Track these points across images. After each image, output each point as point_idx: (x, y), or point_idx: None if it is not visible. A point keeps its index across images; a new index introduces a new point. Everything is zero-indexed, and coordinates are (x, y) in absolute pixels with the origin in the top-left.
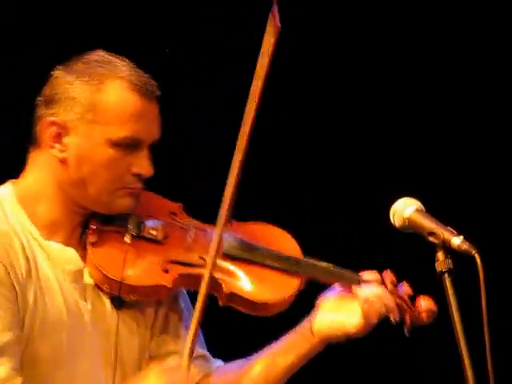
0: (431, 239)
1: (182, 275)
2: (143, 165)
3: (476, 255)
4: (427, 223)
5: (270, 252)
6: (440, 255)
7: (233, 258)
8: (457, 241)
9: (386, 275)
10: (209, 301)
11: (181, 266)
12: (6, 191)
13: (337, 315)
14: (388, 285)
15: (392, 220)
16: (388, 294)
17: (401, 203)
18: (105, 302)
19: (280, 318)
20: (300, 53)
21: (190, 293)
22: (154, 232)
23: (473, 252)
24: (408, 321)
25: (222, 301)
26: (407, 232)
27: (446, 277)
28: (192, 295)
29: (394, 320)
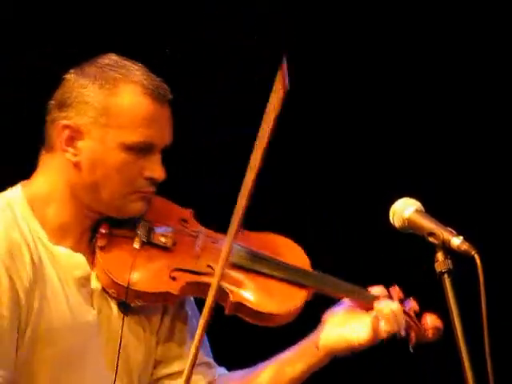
0: (431, 240)
1: (190, 283)
2: (156, 169)
3: (476, 255)
4: (427, 224)
5: (279, 263)
6: (440, 256)
7: (241, 268)
8: (456, 241)
9: (393, 291)
10: (215, 309)
11: (188, 274)
12: (17, 193)
13: (344, 329)
14: (395, 301)
15: (392, 220)
16: (401, 311)
17: (400, 204)
18: (111, 307)
19: (286, 330)
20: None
21: (196, 299)
22: (163, 239)
23: (472, 252)
24: (414, 338)
25: (228, 310)
26: (407, 232)
27: (445, 277)
28: (198, 301)
29: (400, 336)
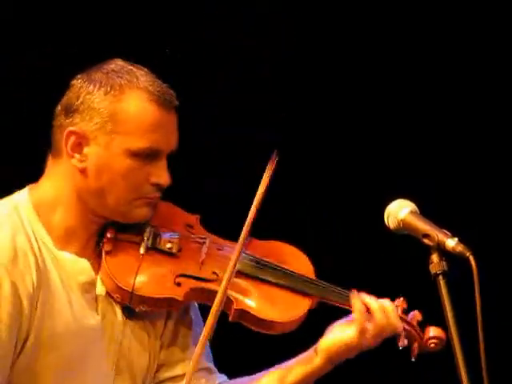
0: (426, 241)
1: (194, 289)
2: (161, 175)
3: (470, 257)
4: (422, 225)
5: (283, 271)
6: (434, 257)
7: (245, 275)
8: (451, 243)
9: (397, 302)
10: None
11: (193, 280)
12: (24, 197)
13: (338, 332)
14: (399, 311)
15: (386, 222)
16: (392, 308)
17: (395, 205)
18: (116, 312)
19: (289, 337)
20: (299, 53)
21: (200, 305)
22: (169, 245)
23: (467, 254)
24: (416, 349)
25: (231, 317)
26: (402, 234)
27: (440, 279)
28: (202, 308)
29: (402, 345)
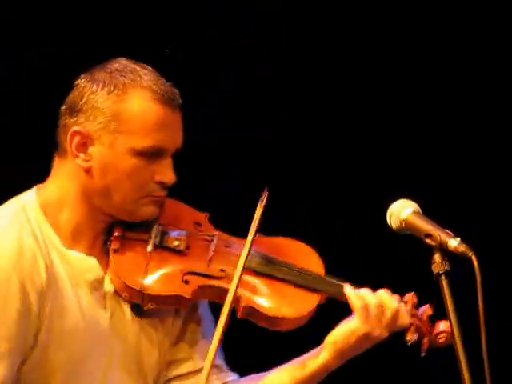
0: (428, 241)
1: (202, 287)
2: (166, 173)
3: (473, 257)
4: (424, 225)
5: (292, 267)
6: (437, 257)
7: (254, 272)
8: (454, 243)
9: (407, 297)
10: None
11: (201, 278)
12: (31, 197)
13: (344, 324)
14: (408, 305)
15: (389, 222)
16: (395, 300)
17: (398, 205)
18: (124, 310)
19: (299, 335)
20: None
21: (209, 303)
22: (176, 242)
23: (469, 254)
24: (426, 344)
25: (239, 314)
26: (404, 234)
27: (442, 279)
28: (212, 304)
29: (411, 340)
